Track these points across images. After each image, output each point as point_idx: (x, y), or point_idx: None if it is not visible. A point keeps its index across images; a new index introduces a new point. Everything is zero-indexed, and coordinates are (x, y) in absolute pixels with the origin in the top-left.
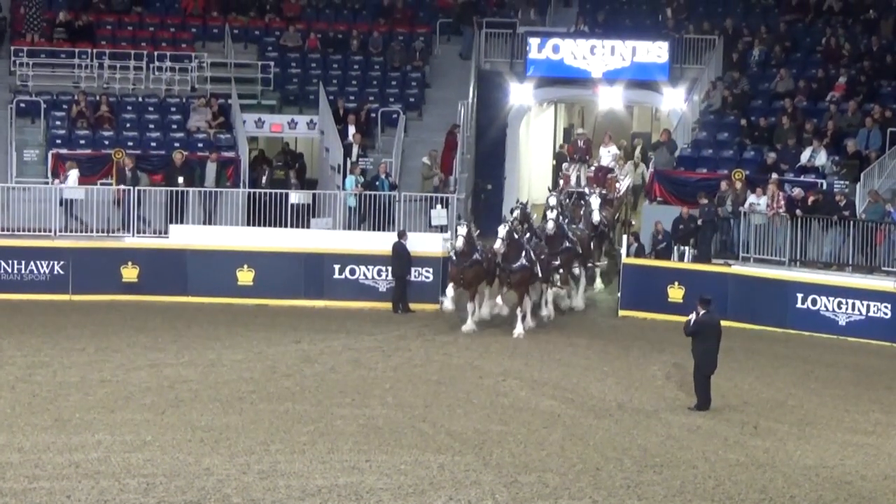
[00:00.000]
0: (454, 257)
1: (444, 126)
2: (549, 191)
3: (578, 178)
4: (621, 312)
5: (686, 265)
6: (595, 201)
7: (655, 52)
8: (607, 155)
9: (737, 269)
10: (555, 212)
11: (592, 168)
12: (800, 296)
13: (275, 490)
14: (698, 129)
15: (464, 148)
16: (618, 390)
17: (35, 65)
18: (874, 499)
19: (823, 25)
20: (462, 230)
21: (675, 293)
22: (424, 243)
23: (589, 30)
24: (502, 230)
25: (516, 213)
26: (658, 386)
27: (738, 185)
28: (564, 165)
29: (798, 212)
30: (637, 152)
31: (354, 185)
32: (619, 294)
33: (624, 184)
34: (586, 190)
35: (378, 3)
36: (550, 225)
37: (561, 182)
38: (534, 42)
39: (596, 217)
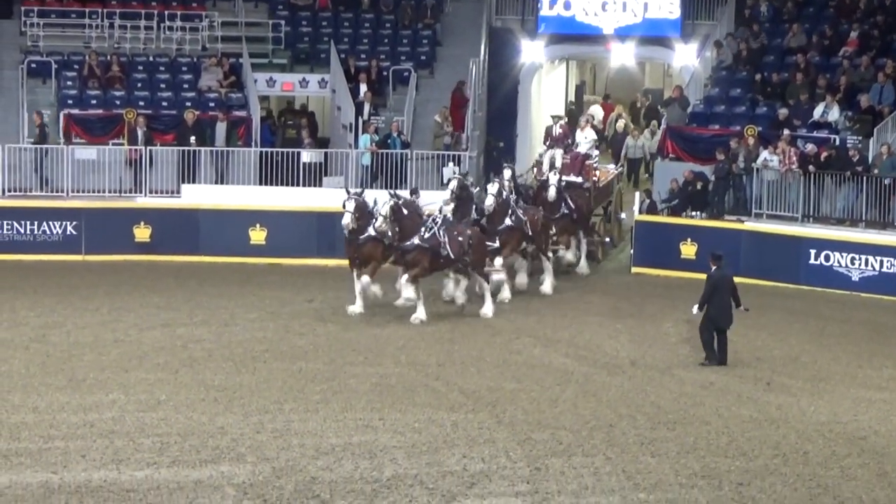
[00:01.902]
0: (346, 234)
1: (456, 84)
2: (505, 165)
3: (552, 162)
4: (634, 269)
5: (699, 222)
6: (553, 178)
7: (667, 7)
8: (585, 141)
9: (750, 225)
10: (496, 186)
11: (568, 154)
12: (813, 252)
13: (288, 449)
14: (710, 85)
15: (475, 105)
16: (631, 347)
17: (45, 25)
18: (887, 454)
19: None
20: (350, 205)
21: (688, 250)
22: (437, 201)
23: None
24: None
25: (507, 172)
26: (671, 343)
27: (751, 141)
28: (539, 152)
29: (811, 167)
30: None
31: (368, 144)
32: (631, 251)
33: (606, 172)
34: (550, 175)
35: None
36: (489, 200)
37: (534, 169)
38: None
39: (552, 193)
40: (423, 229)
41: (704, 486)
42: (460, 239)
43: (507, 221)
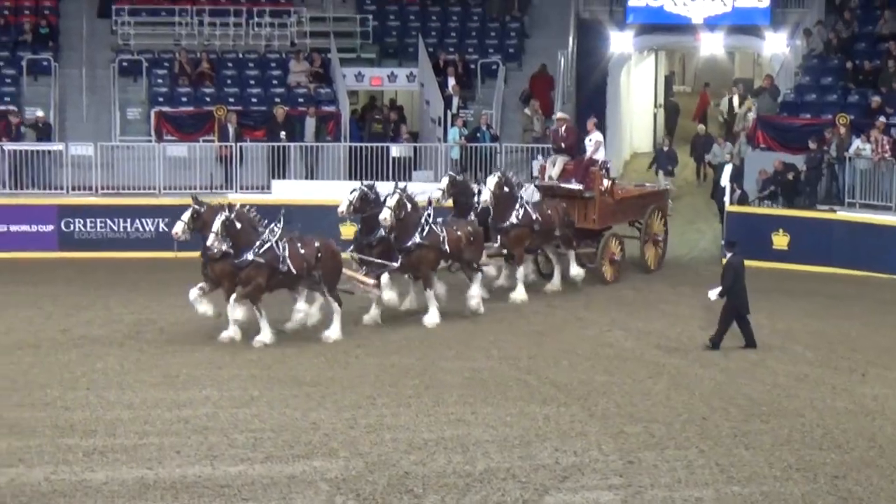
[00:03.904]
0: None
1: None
2: (450, 173)
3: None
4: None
5: (791, 211)
6: (490, 181)
7: None
8: (589, 144)
9: (842, 214)
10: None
11: (573, 159)
12: None
13: (381, 443)
14: (801, 73)
15: (564, 98)
16: (724, 339)
17: (136, 23)
18: None
19: None
20: (217, 225)
21: (780, 240)
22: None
23: None
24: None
25: (502, 173)
26: (764, 334)
27: (843, 129)
28: (541, 159)
29: None
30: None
31: (457, 137)
32: (722, 242)
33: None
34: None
35: None
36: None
37: (538, 176)
38: None
39: (484, 196)
40: (258, 243)
41: (799, 478)
42: (303, 252)
43: (417, 238)
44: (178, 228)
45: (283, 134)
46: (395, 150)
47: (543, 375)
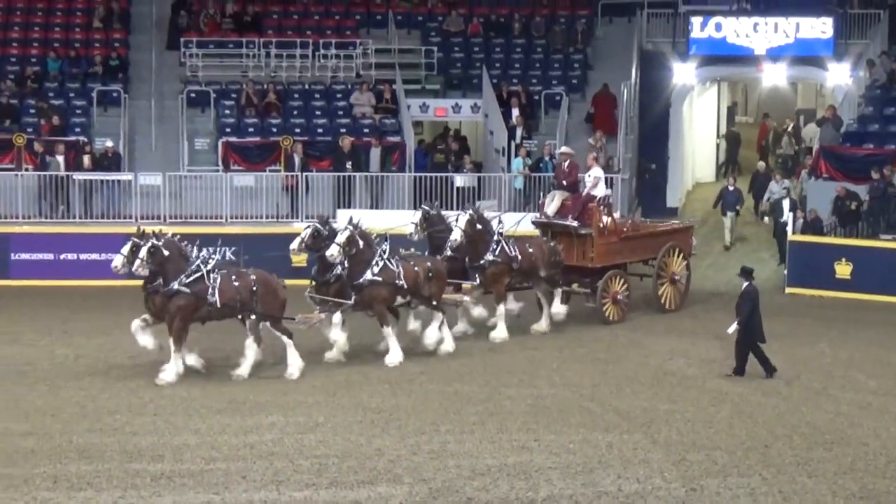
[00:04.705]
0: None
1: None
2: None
3: (562, 205)
4: (788, 289)
5: (854, 241)
6: (462, 219)
7: (819, 27)
8: (588, 179)
9: None
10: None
11: (571, 195)
12: None
13: (445, 470)
14: (864, 104)
15: (627, 128)
16: (785, 367)
17: (204, 55)
18: None
19: None
20: (143, 252)
21: (843, 269)
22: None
23: (751, 7)
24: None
25: (479, 204)
26: (827, 363)
27: None
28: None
29: None
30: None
31: (521, 167)
32: (785, 271)
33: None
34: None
35: None
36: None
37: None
38: (696, 21)
39: (454, 235)
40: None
41: None
42: (235, 284)
43: (368, 275)
44: (118, 262)
45: (348, 164)
46: (459, 180)
47: (606, 403)
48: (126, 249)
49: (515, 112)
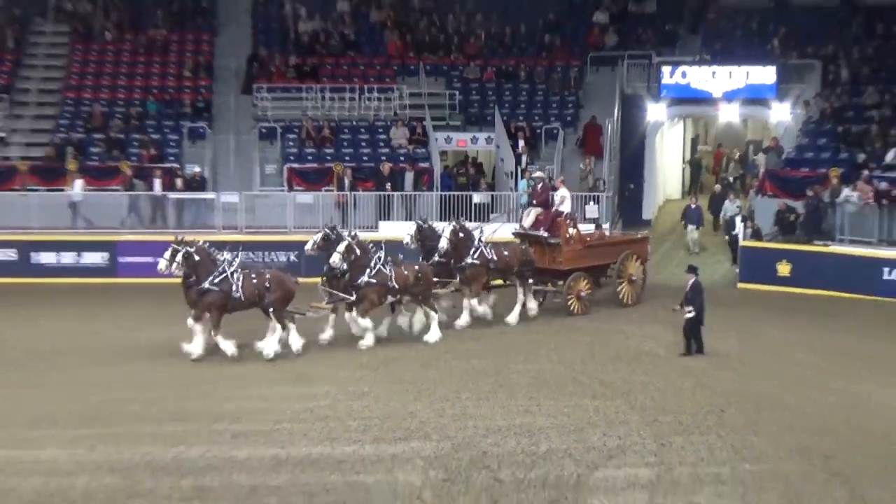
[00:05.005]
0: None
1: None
2: (420, 218)
3: (536, 219)
4: (740, 285)
5: (792, 245)
6: (447, 230)
7: (765, 75)
8: (557, 198)
9: (834, 248)
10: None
11: (544, 211)
12: (886, 269)
13: (465, 429)
14: (801, 136)
15: (611, 156)
16: (739, 347)
17: (272, 98)
18: None
19: None
20: (179, 257)
21: (784, 269)
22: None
23: (710, 58)
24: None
25: (493, 216)
26: (773, 343)
27: (835, 181)
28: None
29: (884, 201)
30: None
31: (526, 187)
32: (737, 270)
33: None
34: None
35: (541, 42)
36: (335, 258)
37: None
38: (666, 70)
39: (441, 243)
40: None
41: (798, 459)
42: (254, 282)
43: (365, 277)
44: (162, 265)
45: (388, 185)
46: (477, 198)
47: (593, 376)
48: (167, 254)
49: (521, 143)
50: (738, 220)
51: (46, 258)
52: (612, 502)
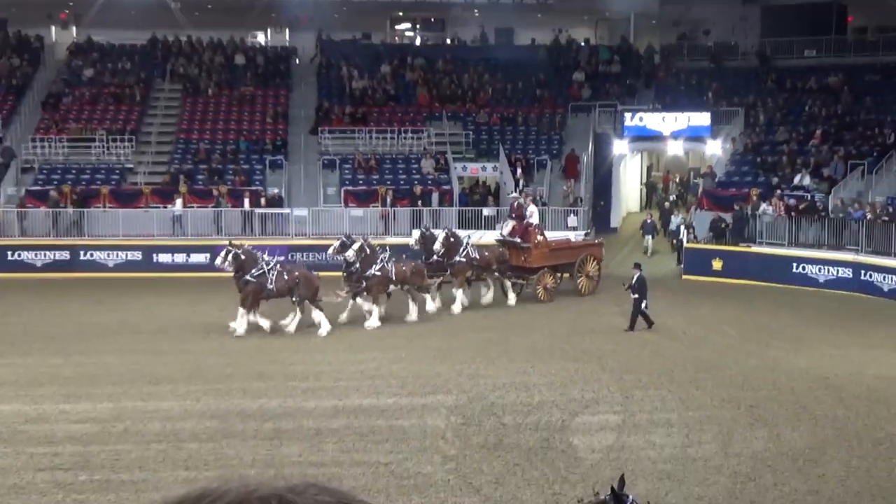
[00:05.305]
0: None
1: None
2: (426, 227)
3: (512, 229)
4: (684, 277)
5: (723, 246)
6: (441, 236)
7: (702, 118)
8: (528, 212)
9: (755, 248)
10: (357, 244)
11: (519, 223)
12: (794, 264)
13: (477, 385)
14: (729, 164)
15: (586, 179)
16: (682, 322)
17: (333, 137)
18: (843, 387)
19: (807, 99)
20: (229, 257)
21: (717, 264)
22: (564, 236)
23: (661, 107)
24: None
25: (448, 229)
26: (709, 320)
27: (755, 198)
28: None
29: (793, 213)
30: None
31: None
32: (681, 266)
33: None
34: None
35: (533, 95)
36: (350, 254)
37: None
38: (628, 115)
39: (436, 245)
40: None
41: (729, 407)
42: (285, 277)
43: (371, 271)
44: (218, 261)
45: (419, 202)
46: (486, 211)
47: (575, 345)
48: (222, 254)
49: (519, 170)
50: (682, 228)
51: (164, 258)
52: (589, 441)
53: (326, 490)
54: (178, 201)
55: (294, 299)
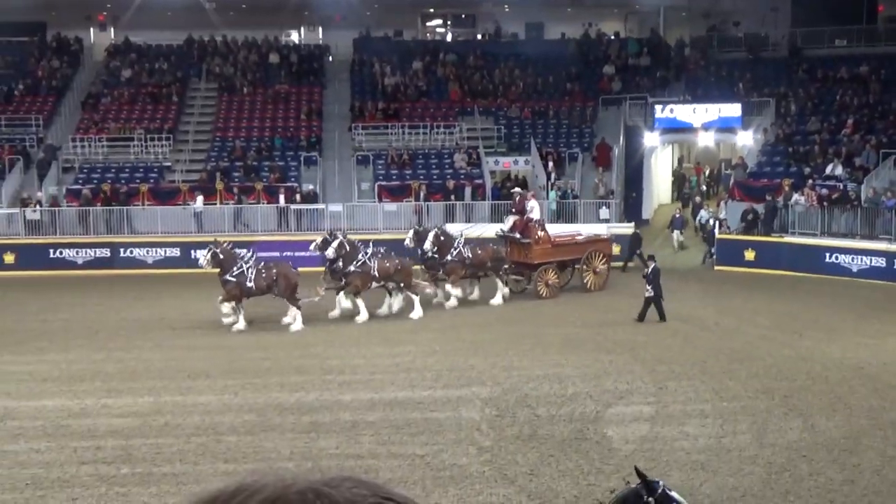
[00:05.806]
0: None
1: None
2: (417, 226)
3: (513, 224)
4: (716, 267)
5: (755, 237)
6: (430, 235)
7: (733, 110)
8: (528, 208)
9: (787, 239)
10: (337, 241)
11: (520, 218)
12: (827, 254)
13: (511, 377)
14: (761, 155)
15: (617, 172)
16: (715, 313)
17: (367, 134)
18: (878, 377)
19: (837, 88)
20: (208, 254)
21: (750, 255)
22: (596, 229)
23: (691, 98)
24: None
25: (444, 227)
26: (743, 310)
27: (787, 188)
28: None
29: (825, 203)
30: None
31: (555, 196)
32: (715, 256)
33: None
34: (501, 232)
35: (564, 89)
36: (330, 251)
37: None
38: (658, 107)
39: (426, 245)
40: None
41: (763, 397)
42: (263, 275)
43: (352, 267)
44: (202, 261)
45: (452, 196)
46: None
47: (607, 336)
48: (205, 252)
49: (550, 164)
50: (712, 220)
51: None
52: (623, 432)
53: (363, 483)
54: (199, 199)
55: (275, 293)
